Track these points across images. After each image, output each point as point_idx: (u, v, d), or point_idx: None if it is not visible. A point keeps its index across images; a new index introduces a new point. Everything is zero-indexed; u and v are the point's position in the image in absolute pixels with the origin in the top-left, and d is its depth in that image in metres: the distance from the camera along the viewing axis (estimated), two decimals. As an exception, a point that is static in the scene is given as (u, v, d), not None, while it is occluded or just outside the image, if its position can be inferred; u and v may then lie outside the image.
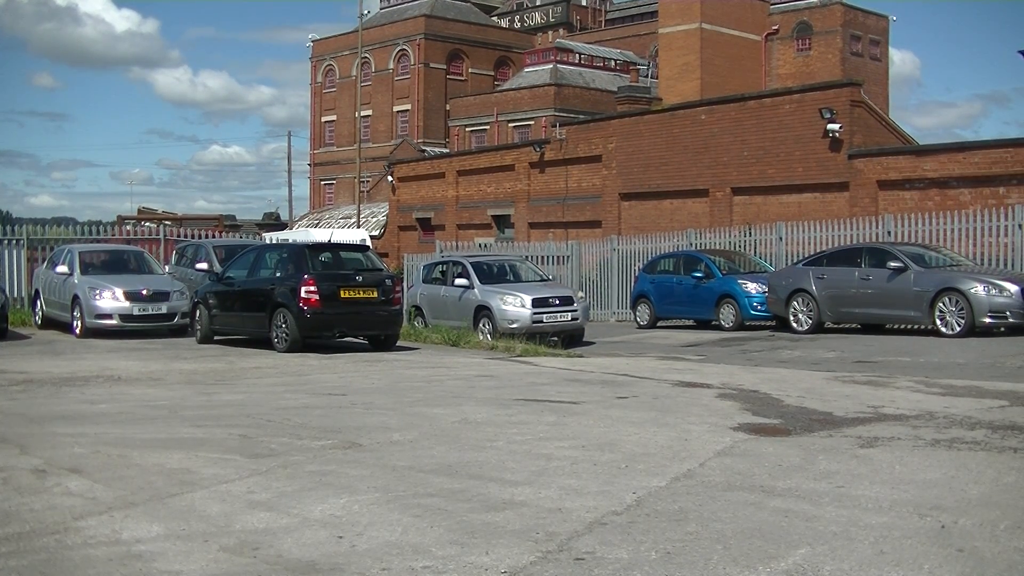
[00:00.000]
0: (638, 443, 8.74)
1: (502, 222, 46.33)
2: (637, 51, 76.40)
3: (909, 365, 15.72)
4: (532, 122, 66.54)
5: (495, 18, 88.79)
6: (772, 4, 65.21)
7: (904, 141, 35.44)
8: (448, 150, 66.36)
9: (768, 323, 25.22)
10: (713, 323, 26.31)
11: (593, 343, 23.32)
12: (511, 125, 68.27)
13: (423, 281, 26.72)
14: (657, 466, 7.67)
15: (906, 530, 5.73)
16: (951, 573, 4.91)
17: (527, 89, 69.04)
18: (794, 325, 23.45)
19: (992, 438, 8.56)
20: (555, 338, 22.43)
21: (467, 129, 71.29)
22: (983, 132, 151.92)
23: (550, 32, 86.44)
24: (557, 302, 23.29)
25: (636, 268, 31.64)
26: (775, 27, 64.40)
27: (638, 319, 28.68)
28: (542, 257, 34.55)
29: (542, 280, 25.38)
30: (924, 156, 30.79)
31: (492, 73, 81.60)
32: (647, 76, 68.16)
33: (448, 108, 75.21)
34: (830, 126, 32.14)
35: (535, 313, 22.78)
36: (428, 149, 68.28)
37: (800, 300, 23.43)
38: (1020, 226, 23.88)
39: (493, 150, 51.56)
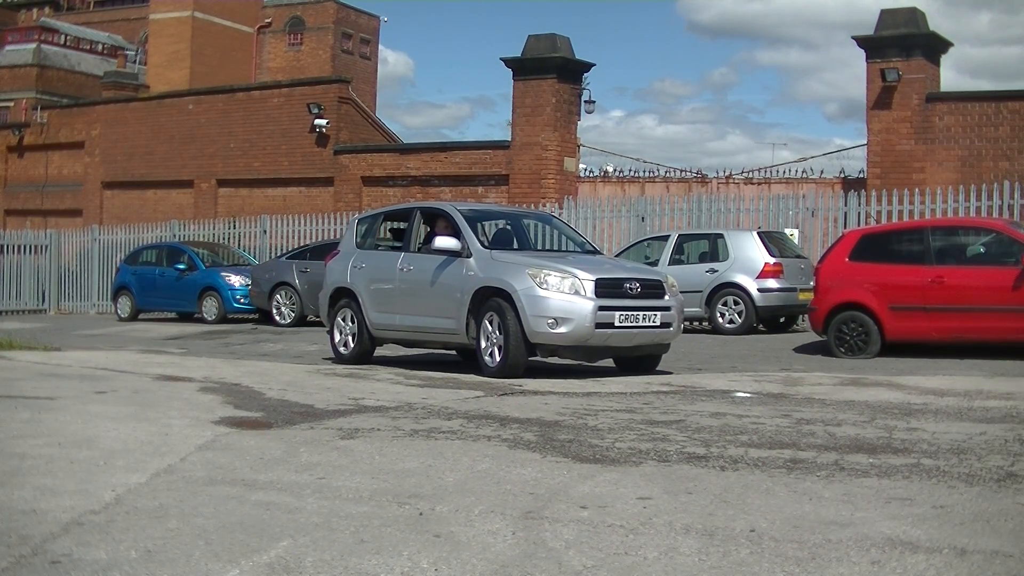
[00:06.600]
0: (117, 439, 8.42)
1: (-25, 210, 43.63)
2: (127, 36, 73.71)
3: (388, 359, 16.18)
4: (12, 104, 62.72)
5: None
6: (266, -3, 65.29)
7: (390, 139, 36.62)
8: (-84, 131, 61.46)
9: (251, 316, 25.30)
10: (196, 316, 26.06)
11: (670, 373, 13.34)
12: (-11, 107, 64.14)
13: (358, 246, 15.62)
14: (137, 462, 7.42)
15: (386, 518, 5.84)
16: (428, 557, 5.05)
17: (7, 68, 64.87)
18: (277, 318, 23.71)
19: (468, 427, 8.91)
20: (608, 360, 13.56)
21: (-61, 109, 66.32)
22: (469, 133, 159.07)
23: (35, 10, 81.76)
24: (638, 289, 12.96)
25: (118, 259, 30.78)
26: (268, 20, 64.40)
27: (119, 311, 27.92)
28: (17, 246, 33.03)
29: (589, 252, 14.74)
30: (408, 154, 31.86)
31: (-30, 49, 76.24)
32: (135, 62, 66.21)
33: (-82, 86, 69.56)
34: (317, 121, 32.57)
35: (602, 309, 12.45)
36: None
37: (283, 293, 23.71)
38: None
39: (-30, 132, 48.48)
